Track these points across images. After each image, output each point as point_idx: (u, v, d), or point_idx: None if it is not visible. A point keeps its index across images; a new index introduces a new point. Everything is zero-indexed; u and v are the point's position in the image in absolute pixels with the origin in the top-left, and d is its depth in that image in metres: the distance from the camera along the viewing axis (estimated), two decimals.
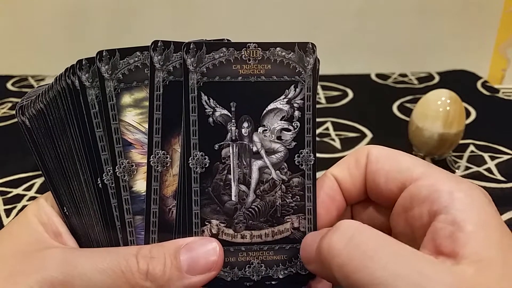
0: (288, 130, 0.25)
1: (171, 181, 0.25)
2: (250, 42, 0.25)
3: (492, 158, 0.52)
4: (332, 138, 0.58)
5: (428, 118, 0.47)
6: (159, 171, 0.25)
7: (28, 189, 0.48)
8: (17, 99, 0.69)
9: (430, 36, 0.80)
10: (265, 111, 0.25)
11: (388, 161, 0.25)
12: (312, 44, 0.25)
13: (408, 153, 0.25)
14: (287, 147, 0.25)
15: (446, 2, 0.78)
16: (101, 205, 0.25)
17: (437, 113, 0.46)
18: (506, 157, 0.52)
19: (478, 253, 0.19)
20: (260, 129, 0.25)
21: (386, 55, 0.81)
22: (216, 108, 0.25)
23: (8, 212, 0.44)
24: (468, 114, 0.62)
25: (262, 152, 0.25)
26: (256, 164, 0.25)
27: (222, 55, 0.24)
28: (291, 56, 0.25)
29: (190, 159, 0.25)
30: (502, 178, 0.48)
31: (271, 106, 0.25)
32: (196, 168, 0.25)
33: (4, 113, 0.65)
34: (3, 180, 0.49)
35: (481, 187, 0.22)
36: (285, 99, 0.25)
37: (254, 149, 0.25)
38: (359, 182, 0.26)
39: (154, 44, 0.24)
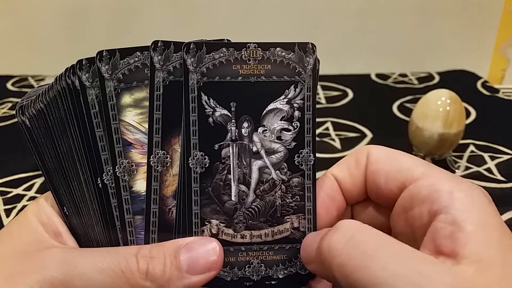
0: (288, 130, 0.25)
1: (171, 181, 0.25)
2: (250, 42, 0.25)
3: (492, 158, 0.52)
4: (332, 138, 0.58)
5: (428, 118, 0.47)
6: (159, 171, 0.25)
7: (28, 189, 0.48)
8: (17, 99, 0.69)
9: (430, 36, 0.80)
10: (265, 111, 0.25)
11: (388, 161, 0.25)
12: (312, 44, 0.25)
13: (408, 153, 0.25)
14: (287, 147, 0.25)
15: (446, 2, 0.78)
16: (101, 205, 0.25)
17: (437, 113, 0.46)
18: (506, 157, 0.52)
19: (478, 253, 0.19)
20: (260, 129, 0.25)
21: (386, 55, 0.81)
22: (216, 108, 0.25)
23: (8, 212, 0.44)
24: (468, 114, 0.62)
25: (262, 152, 0.25)
26: (256, 164, 0.25)
27: (222, 55, 0.24)
28: (291, 56, 0.25)
29: (190, 159, 0.25)
30: (502, 178, 0.48)
31: (271, 106, 0.25)
32: (196, 168, 0.25)
33: (4, 113, 0.65)
34: (3, 180, 0.49)
35: (481, 187, 0.22)
36: (285, 99, 0.25)
37: (254, 149, 0.25)
38: (359, 182, 0.26)
39: (154, 44, 0.24)
